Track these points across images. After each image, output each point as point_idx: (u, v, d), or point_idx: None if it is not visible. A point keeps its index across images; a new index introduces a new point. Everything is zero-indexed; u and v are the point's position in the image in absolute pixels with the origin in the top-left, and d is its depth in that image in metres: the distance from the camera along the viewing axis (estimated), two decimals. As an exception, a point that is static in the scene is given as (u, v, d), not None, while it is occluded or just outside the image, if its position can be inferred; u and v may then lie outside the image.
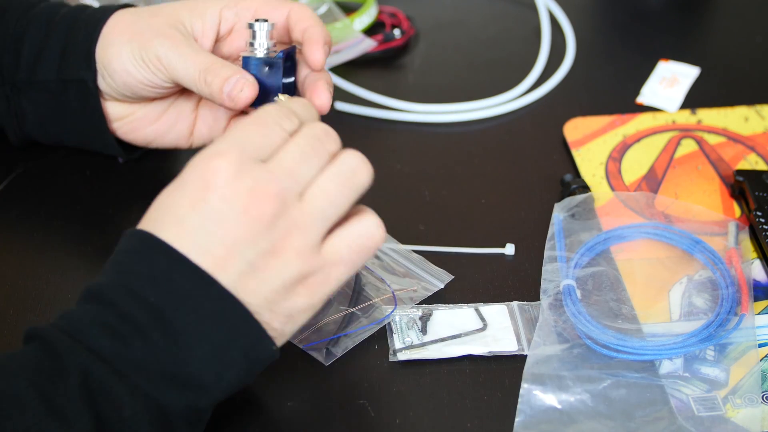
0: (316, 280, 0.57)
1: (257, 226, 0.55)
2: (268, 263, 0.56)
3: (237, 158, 0.55)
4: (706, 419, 0.64)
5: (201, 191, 0.55)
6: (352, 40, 0.95)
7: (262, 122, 0.58)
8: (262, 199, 0.55)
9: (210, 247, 0.55)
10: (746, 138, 0.86)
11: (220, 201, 0.55)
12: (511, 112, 0.91)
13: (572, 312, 0.69)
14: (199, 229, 0.55)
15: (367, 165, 0.59)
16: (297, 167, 0.57)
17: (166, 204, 0.57)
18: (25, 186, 0.82)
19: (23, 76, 0.77)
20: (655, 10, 1.05)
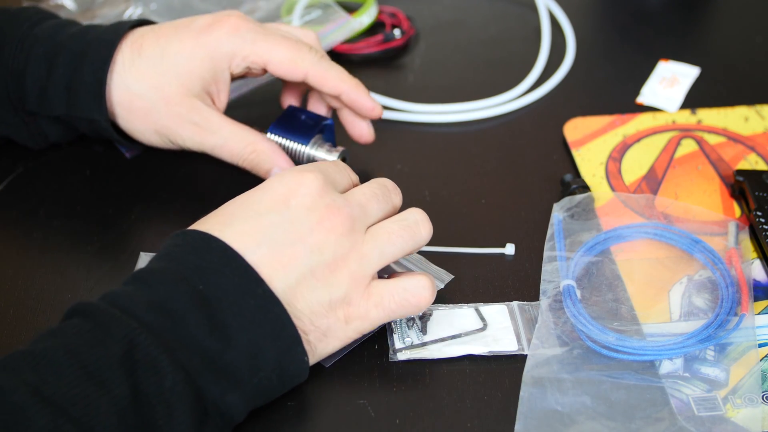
0: (357, 311, 0.62)
1: (327, 237, 0.60)
2: (325, 275, 0.60)
3: (322, 180, 0.62)
4: (707, 419, 0.64)
5: (285, 195, 0.61)
6: (336, 21, 0.95)
7: (336, 167, 0.66)
8: (337, 215, 0.61)
9: (274, 247, 0.59)
10: (746, 138, 0.86)
11: (300, 208, 0.61)
12: (511, 112, 0.91)
13: (572, 312, 0.69)
14: (273, 227, 0.60)
15: (428, 223, 0.65)
16: (368, 204, 0.63)
17: (243, 204, 0.62)
18: (25, 186, 0.82)
19: (32, 107, 0.77)
20: (655, 10, 1.05)
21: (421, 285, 0.63)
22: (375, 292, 0.62)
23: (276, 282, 0.59)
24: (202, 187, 0.83)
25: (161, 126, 0.76)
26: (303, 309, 0.60)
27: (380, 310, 0.63)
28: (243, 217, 0.61)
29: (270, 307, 0.58)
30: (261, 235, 0.60)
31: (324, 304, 0.61)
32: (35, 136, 0.80)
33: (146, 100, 0.75)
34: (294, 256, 0.60)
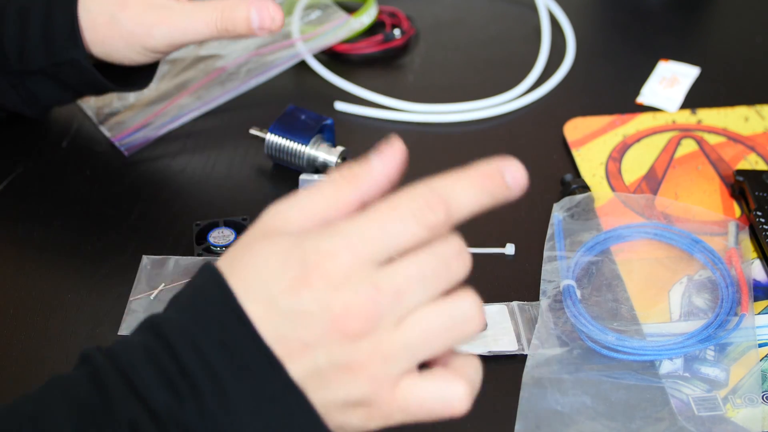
0: (377, 412, 0.52)
1: (339, 339, 0.50)
2: (337, 376, 0.51)
3: (348, 263, 0.49)
4: (707, 419, 0.64)
5: (298, 282, 0.50)
6: (336, 21, 0.95)
7: (397, 216, 0.50)
8: (356, 316, 0.49)
9: (287, 339, 0.50)
10: (746, 138, 0.86)
11: (313, 301, 0.50)
12: (511, 112, 0.91)
13: (572, 312, 0.69)
14: (284, 317, 0.50)
15: (481, 316, 0.51)
16: (408, 289, 0.50)
17: (262, 272, 0.51)
18: (25, 186, 0.82)
19: (16, 68, 0.78)
20: (655, 10, 1.05)
21: (458, 395, 0.52)
22: (401, 396, 0.51)
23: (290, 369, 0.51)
24: (202, 187, 0.83)
25: (127, 33, 0.76)
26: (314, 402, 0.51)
27: (405, 415, 0.52)
28: (261, 292, 0.51)
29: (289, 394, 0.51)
30: (276, 321, 0.51)
31: (336, 403, 0.52)
32: (27, 100, 0.80)
33: (105, 13, 0.76)
34: (302, 352, 0.51)
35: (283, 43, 0.93)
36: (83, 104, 0.89)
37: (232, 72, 0.91)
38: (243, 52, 0.92)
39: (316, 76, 0.93)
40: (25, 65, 0.78)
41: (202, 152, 0.86)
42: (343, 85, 0.92)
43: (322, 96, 0.91)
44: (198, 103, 0.89)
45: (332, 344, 0.50)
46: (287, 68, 0.92)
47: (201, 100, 0.89)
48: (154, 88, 0.90)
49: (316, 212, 0.52)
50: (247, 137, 0.84)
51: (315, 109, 0.84)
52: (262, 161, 0.84)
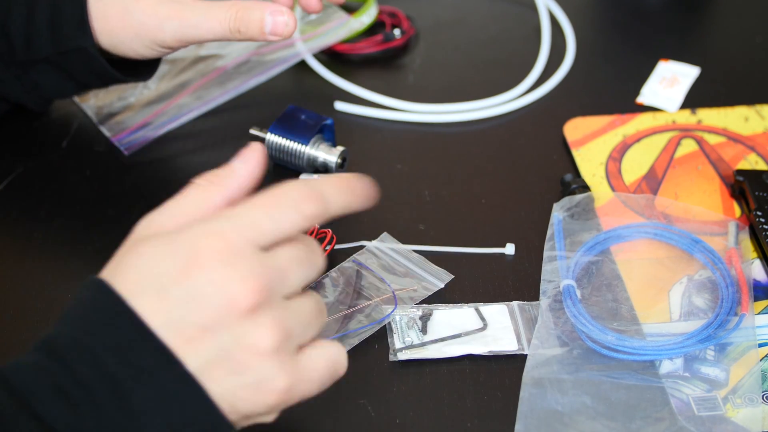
0: (287, 392, 0.54)
1: (239, 318, 0.51)
2: (244, 357, 0.52)
3: (234, 242, 0.51)
4: (707, 419, 0.64)
5: (188, 267, 0.51)
6: (336, 21, 0.95)
7: (277, 204, 0.53)
8: (251, 290, 0.51)
9: (186, 326, 0.51)
10: (746, 138, 0.86)
11: (208, 283, 0.51)
12: (511, 112, 0.91)
13: (572, 312, 0.69)
14: (179, 305, 0.51)
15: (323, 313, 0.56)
16: (290, 270, 0.53)
17: (148, 267, 0.52)
18: (25, 186, 0.82)
19: (21, 57, 0.78)
20: (655, 10, 1.05)
21: (342, 355, 0.56)
22: (306, 366, 0.54)
23: (189, 362, 0.51)
24: (202, 187, 0.83)
25: (138, 24, 0.75)
26: (221, 393, 0.52)
27: (311, 385, 0.55)
28: (150, 286, 0.52)
29: (188, 389, 0.51)
30: (172, 310, 0.51)
31: (245, 386, 0.52)
32: (29, 91, 0.80)
33: (118, 3, 0.75)
34: (204, 336, 0.51)
35: (283, 42, 0.93)
36: (83, 104, 0.89)
37: (232, 72, 0.91)
38: (243, 52, 0.92)
39: (316, 76, 0.93)
40: (30, 54, 0.77)
41: (202, 152, 0.86)
42: (343, 85, 0.92)
43: (322, 96, 0.91)
44: (198, 103, 0.89)
45: (233, 323, 0.51)
46: (287, 68, 0.92)
47: (201, 100, 0.89)
48: (154, 88, 0.90)
49: (187, 214, 0.55)
50: (247, 137, 0.84)
51: (315, 109, 0.84)
52: (262, 161, 0.84)
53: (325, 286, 0.73)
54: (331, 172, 0.81)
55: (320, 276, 0.56)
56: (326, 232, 0.74)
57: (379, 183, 0.83)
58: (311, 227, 0.54)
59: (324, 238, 0.74)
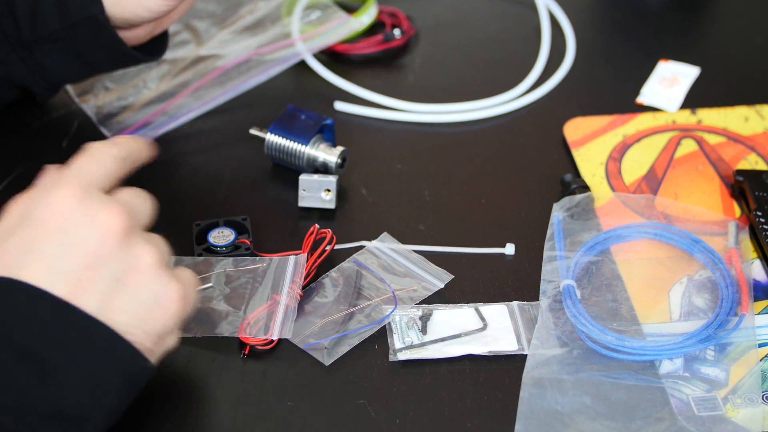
0: (174, 307, 0.57)
1: (118, 242, 0.55)
2: (134, 277, 0.56)
3: (79, 185, 0.56)
4: (707, 419, 0.64)
5: (53, 221, 0.55)
6: (336, 21, 0.95)
7: (96, 155, 0.59)
8: (116, 216, 0.55)
9: (73, 272, 0.54)
10: (746, 138, 0.86)
11: (77, 225, 0.55)
12: (511, 112, 0.91)
13: (572, 312, 0.69)
14: (59, 257, 0.54)
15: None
16: (132, 201, 0.59)
17: (20, 243, 0.55)
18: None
19: (28, 36, 0.77)
20: (655, 10, 1.05)
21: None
22: (180, 275, 0.59)
23: (87, 304, 0.54)
24: (202, 187, 0.83)
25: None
26: (128, 320, 0.55)
27: (193, 291, 0.59)
28: (27, 256, 0.54)
29: (94, 331, 0.54)
30: (54, 265, 0.54)
31: (147, 305, 0.56)
32: (34, 74, 0.79)
33: None
34: (93, 274, 0.54)
35: (283, 42, 0.93)
36: (83, 104, 0.89)
37: (232, 72, 0.91)
38: (243, 51, 0.92)
39: (316, 76, 0.93)
40: (37, 31, 0.77)
41: (202, 152, 0.86)
42: (343, 85, 0.92)
43: (322, 96, 0.91)
44: (198, 103, 0.89)
45: (114, 251, 0.55)
46: (287, 68, 0.92)
47: (201, 100, 0.89)
48: (154, 88, 0.90)
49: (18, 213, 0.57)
50: (247, 137, 0.84)
51: (315, 109, 0.84)
52: (262, 161, 0.84)
53: (325, 286, 0.73)
54: (331, 172, 0.81)
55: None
56: (326, 232, 0.74)
57: (379, 183, 0.83)
58: (121, 171, 0.60)
59: (324, 239, 0.74)
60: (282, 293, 0.70)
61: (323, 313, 0.70)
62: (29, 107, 0.88)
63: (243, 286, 0.71)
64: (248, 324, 0.69)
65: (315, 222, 0.77)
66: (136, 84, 0.90)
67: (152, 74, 0.91)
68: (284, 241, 0.76)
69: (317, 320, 0.70)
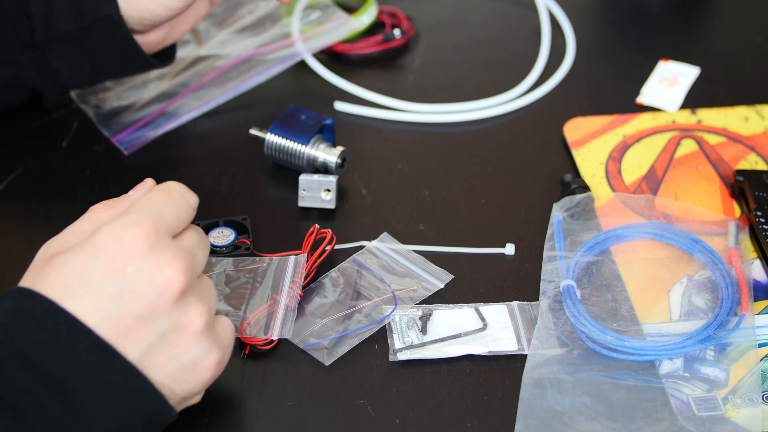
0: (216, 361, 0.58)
1: (174, 300, 0.55)
2: (179, 338, 0.55)
3: (154, 230, 0.55)
4: (707, 419, 0.64)
5: (118, 261, 0.54)
6: (336, 21, 0.95)
7: (170, 195, 0.58)
8: (179, 273, 0.55)
9: (122, 318, 0.54)
10: (746, 138, 0.86)
11: (139, 273, 0.54)
12: (511, 112, 0.91)
13: (572, 312, 0.69)
14: (113, 298, 0.54)
15: None
16: (197, 252, 0.58)
17: (73, 270, 0.54)
18: (25, 186, 0.82)
19: (41, 37, 0.77)
20: (655, 10, 1.05)
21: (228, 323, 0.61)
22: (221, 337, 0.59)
23: (128, 352, 0.54)
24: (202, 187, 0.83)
25: None
26: (162, 378, 0.55)
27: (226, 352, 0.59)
28: (81, 287, 0.54)
29: (130, 379, 0.54)
30: (106, 305, 0.53)
31: (185, 367, 0.56)
32: (45, 76, 0.79)
33: None
34: (141, 326, 0.54)
35: (283, 42, 0.93)
36: (83, 104, 0.89)
37: (232, 72, 0.91)
38: (243, 51, 0.92)
39: (316, 76, 0.93)
40: (51, 31, 0.76)
41: (202, 152, 0.86)
42: (343, 85, 0.92)
43: (322, 96, 0.91)
44: (198, 103, 0.89)
45: (167, 309, 0.54)
46: (287, 68, 0.92)
47: (201, 100, 0.89)
48: (154, 88, 0.90)
49: (87, 232, 0.57)
50: (247, 137, 0.84)
51: (315, 109, 0.84)
52: (262, 161, 0.84)
53: (325, 286, 0.73)
54: (330, 172, 0.81)
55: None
56: (326, 232, 0.74)
57: (379, 183, 0.83)
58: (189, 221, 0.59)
59: (324, 239, 0.74)
60: (282, 293, 0.70)
61: (323, 313, 0.70)
62: (29, 107, 0.88)
63: (243, 286, 0.71)
64: (248, 324, 0.69)
65: (315, 222, 0.77)
66: (136, 84, 0.90)
67: (152, 74, 0.91)
68: (284, 241, 0.76)
69: (317, 320, 0.70)
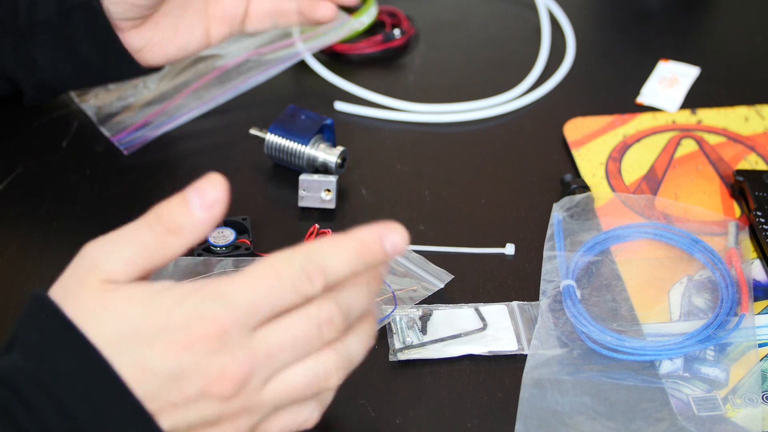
0: None
1: (211, 402, 0.50)
2: (205, 430, 0.52)
3: (228, 327, 0.49)
4: (707, 419, 0.64)
5: (178, 346, 0.49)
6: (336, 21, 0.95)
7: (278, 285, 0.50)
8: (229, 381, 0.50)
9: (158, 399, 0.50)
10: (746, 138, 0.86)
11: (192, 365, 0.49)
12: (511, 112, 0.91)
13: (572, 312, 0.69)
14: (158, 378, 0.50)
15: (341, 373, 0.54)
16: (280, 354, 0.51)
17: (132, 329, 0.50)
18: (25, 186, 0.82)
19: (24, 22, 0.76)
20: (655, 10, 1.05)
21: (309, 411, 0.54)
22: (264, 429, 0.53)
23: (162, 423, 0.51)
24: (202, 187, 0.83)
25: None
26: None
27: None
28: (130, 347, 0.50)
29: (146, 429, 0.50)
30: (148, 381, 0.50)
31: None
32: (24, 65, 0.78)
33: None
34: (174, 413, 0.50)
35: (283, 42, 0.93)
36: (83, 104, 0.89)
37: (232, 72, 0.91)
38: (243, 51, 0.92)
39: (316, 76, 0.93)
40: (33, 16, 0.76)
41: (202, 152, 0.86)
42: (343, 85, 0.92)
43: (322, 96, 0.91)
44: (198, 103, 0.89)
45: (204, 405, 0.50)
46: (287, 68, 0.92)
47: (201, 100, 0.89)
48: (154, 88, 0.90)
49: (137, 262, 0.53)
50: (247, 137, 0.84)
51: (315, 109, 0.84)
52: (262, 161, 0.84)
53: (325, 286, 0.72)
54: (330, 172, 0.81)
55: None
56: (326, 232, 0.74)
57: (379, 183, 0.83)
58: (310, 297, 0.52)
59: (324, 238, 0.74)
60: None
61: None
62: (29, 107, 0.88)
63: (243, 286, 0.71)
64: (248, 324, 0.68)
65: (315, 222, 0.77)
66: (136, 84, 0.90)
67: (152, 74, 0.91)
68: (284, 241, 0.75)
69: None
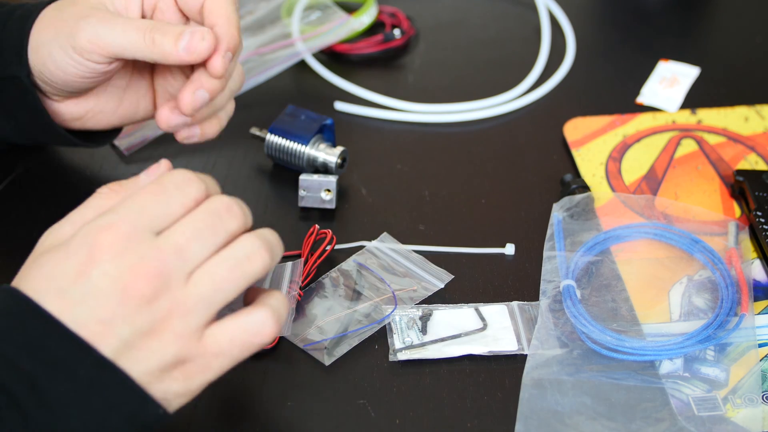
0: (195, 367, 0.54)
1: (135, 305, 0.52)
2: (144, 343, 0.53)
3: (126, 232, 0.53)
4: (707, 419, 0.64)
5: (85, 264, 0.52)
6: (336, 21, 0.95)
7: (162, 189, 0.55)
8: (143, 277, 0.52)
9: (87, 322, 0.52)
10: (746, 138, 0.86)
11: (102, 277, 0.52)
12: (511, 112, 0.91)
13: (572, 312, 0.69)
14: (79, 303, 0.52)
15: (263, 252, 0.55)
16: (188, 245, 0.53)
17: (50, 271, 0.53)
18: (25, 186, 0.82)
19: None
20: (655, 10, 1.05)
21: (259, 319, 0.55)
22: (210, 341, 0.54)
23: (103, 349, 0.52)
24: (202, 187, 0.83)
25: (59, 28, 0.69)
26: (142, 375, 0.53)
27: (221, 359, 0.55)
28: (54, 289, 0.53)
29: (105, 373, 0.52)
30: (73, 309, 0.52)
31: (152, 371, 0.53)
32: None
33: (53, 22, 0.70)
34: (105, 330, 0.52)
35: (283, 43, 0.93)
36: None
37: (232, 72, 0.91)
38: (243, 51, 0.92)
39: (316, 76, 0.93)
40: None
41: (202, 152, 0.86)
42: (343, 85, 0.92)
43: (322, 96, 0.91)
44: (198, 103, 0.89)
45: (129, 313, 0.52)
46: (287, 68, 0.92)
47: (201, 100, 0.89)
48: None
49: (87, 221, 0.55)
50: (247, 137, 0.84)
51: (315, 109, 0.84)
52: (262, 161, 0.84)
53: (325, 286, 0.73)
54: (331, 172, 0.81)
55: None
56: (326, 232, 0.74)
57: (379, 183, 0.83)
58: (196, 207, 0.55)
59: (324, 239, 0.74)
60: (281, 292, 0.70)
61: (323, 313, 0.70)
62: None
63: (243, 286, 0.71)
64: (248, 324, 0.68)
65: (315, 222, 0.77)
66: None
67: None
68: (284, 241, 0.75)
69: (317, 320, 0.70)
